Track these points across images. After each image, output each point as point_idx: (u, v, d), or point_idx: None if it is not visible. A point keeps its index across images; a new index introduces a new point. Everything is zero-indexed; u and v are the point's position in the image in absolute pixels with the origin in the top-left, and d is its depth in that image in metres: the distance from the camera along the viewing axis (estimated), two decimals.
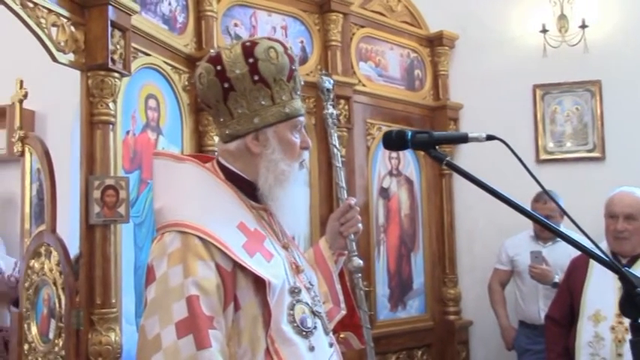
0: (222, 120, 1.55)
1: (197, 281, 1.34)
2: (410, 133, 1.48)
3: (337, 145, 1.88)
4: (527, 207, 1.40)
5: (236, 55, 1.49)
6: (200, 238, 1.38)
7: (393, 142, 1.50)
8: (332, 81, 1.92)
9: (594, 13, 4.42)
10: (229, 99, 1.51)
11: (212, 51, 1.58)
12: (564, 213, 1.45)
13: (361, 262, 1.77)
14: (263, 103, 1.51)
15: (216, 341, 1.33)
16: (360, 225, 1.82)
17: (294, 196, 1.55)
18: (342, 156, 3.85)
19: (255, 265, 1.42)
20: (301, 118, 1.57)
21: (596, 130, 4.45)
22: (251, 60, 1.48)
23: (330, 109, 1.87)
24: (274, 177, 1.52)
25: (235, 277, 1.40)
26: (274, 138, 1.52)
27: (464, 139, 1.45)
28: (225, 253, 1.39)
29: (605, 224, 2.91)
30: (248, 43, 1.51)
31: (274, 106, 1.52)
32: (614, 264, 1.30)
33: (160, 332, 1.31)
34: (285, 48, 1.54)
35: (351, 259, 1.78)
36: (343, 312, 1.78)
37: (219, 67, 1.50)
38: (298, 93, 1.58)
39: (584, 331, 2.79)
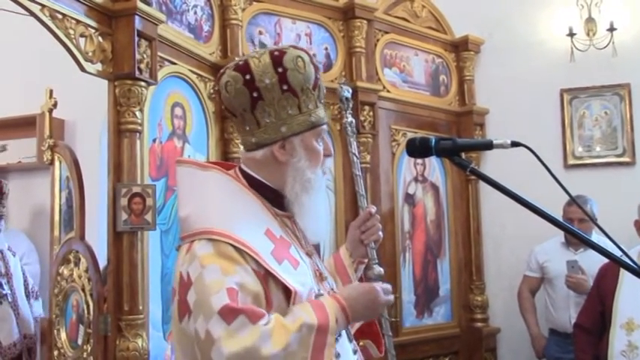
0: (247, 128, 1.56)
1: (237, 280, 1.34)
2: (434, 140, 1.48)
3: (357, 154, 1.88)
4: (555, 213, 1.37)
5: (265, 65, 1.49)
6: (232, 246, 1.38)
7: (417, 149, 1.50)
8: (351, 90, 1.91)
9: (622, 16, 4.34)
10: (257, 108, 1.51)
11: (237, 59, 1.59)
12: (590, 219, 1.42)
13: (382, 270, 1.76)
14: (290, 112, 1.52)
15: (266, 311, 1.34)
16: (380, 233, 1.81)
17: (317, 204, 1.56)
18: (366, 163, 3.85)
19: (284, 272, 1.43)
20: (325, 126, 1.59)
21: (626, 134, 4.38)
22: (280, 69, 1.49)
23: (350, 118, 1.86)
24: (301, 185, 1.53)
25: (268, 282, 1.41)
26: (300, 146, 1.53)
27: (488, 145, 1.44)
28: (256, 260, 1.39)
29: None
30: (276, 52, 1.51)
31: (301, 115, 1.53)
32: None
33: (207, 328, 1.30)
34: (311, 57, 1.55)
35: (372, 267, 1.77)
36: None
37: (247, 77, 1.50)
38: (322, 101, 1.59)
39: (617, 339, 2.74)
